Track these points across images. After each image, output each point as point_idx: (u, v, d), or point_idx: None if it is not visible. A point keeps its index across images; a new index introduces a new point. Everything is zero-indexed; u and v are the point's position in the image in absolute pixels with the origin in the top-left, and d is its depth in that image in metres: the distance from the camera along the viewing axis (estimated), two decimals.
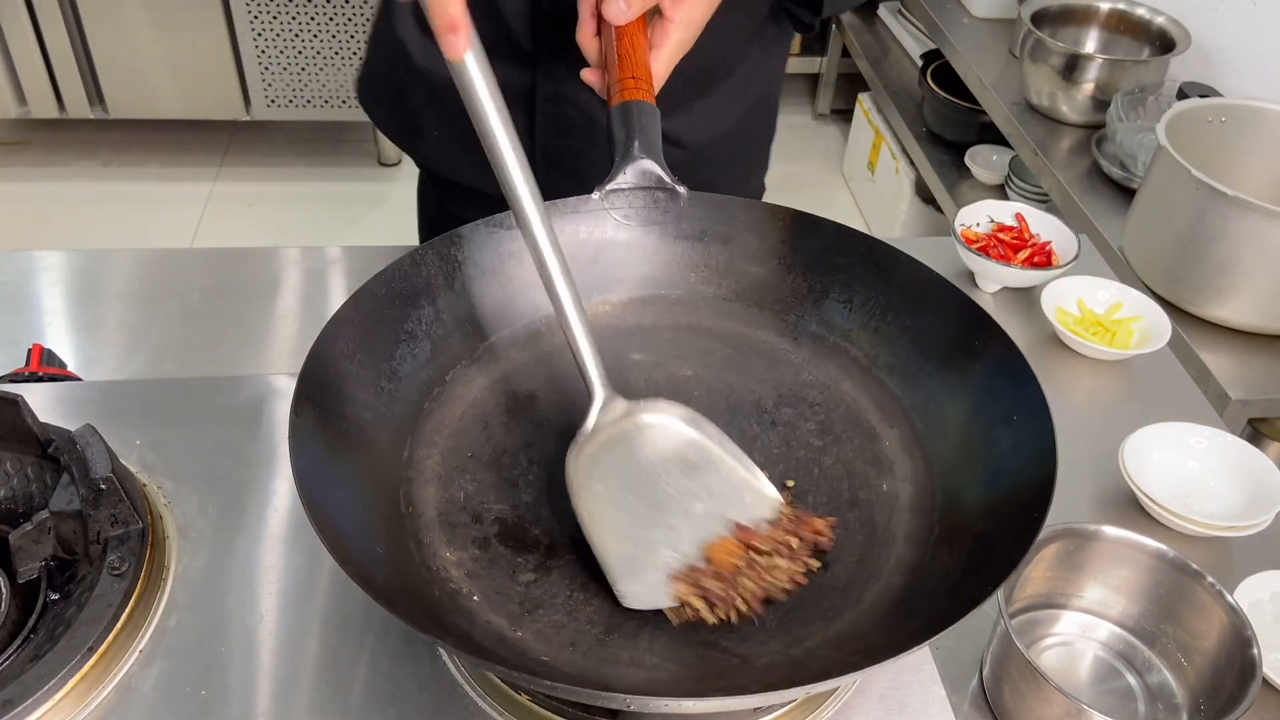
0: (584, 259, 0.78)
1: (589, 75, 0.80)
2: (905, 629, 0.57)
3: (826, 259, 0.77)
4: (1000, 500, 0.62)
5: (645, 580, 0.62)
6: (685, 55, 0.79)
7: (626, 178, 0.75)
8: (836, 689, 0.66)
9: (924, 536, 0.65)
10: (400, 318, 0.72)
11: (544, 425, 0.73)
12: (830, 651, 0.60)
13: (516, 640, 0.60)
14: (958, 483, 0.66)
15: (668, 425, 0.66)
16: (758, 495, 0.65)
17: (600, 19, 0.78)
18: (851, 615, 0.62)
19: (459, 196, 1.12)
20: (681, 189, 0.76)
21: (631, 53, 0.76)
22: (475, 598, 0.62)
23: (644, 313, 0.79)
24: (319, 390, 0.64)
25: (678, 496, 0.64)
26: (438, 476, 0.69)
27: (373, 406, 0.68)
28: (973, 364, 0.69)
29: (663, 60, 0.78)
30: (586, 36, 0.79)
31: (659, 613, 0.62)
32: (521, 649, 0.59)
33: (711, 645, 0.60)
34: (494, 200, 0.73)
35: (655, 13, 0.78)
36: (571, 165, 1.02)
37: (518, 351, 0.77)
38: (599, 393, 0.66)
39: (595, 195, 0.75)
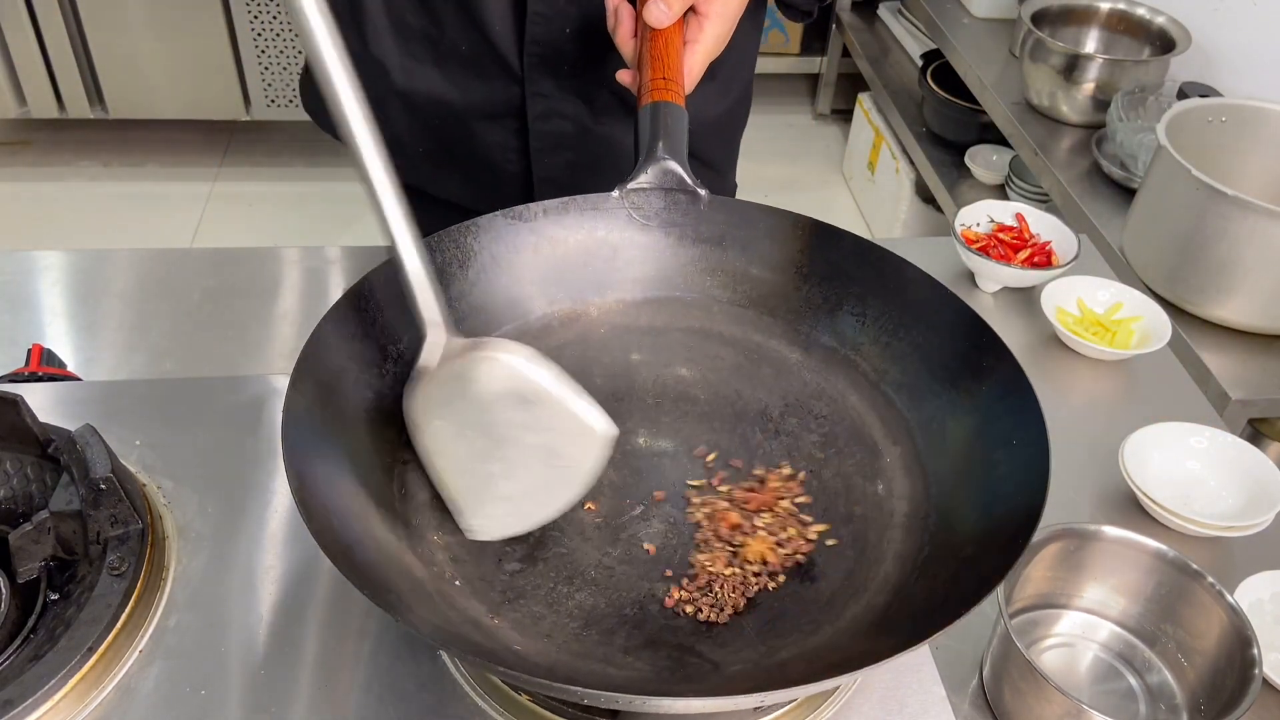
0: (601, 257, 0.78)
1: (623, 76, 0.81)
2: (882, 646, 0.57)
3: (843, 271, 0.77)
4: (991, 525, 0.62)
5: (488, 512, 0.65)
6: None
7: (648, 177, 0.75)
8: (836, 689, 0.66)
9: (913, 556, 0.65)
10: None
11: None
12: (804, 665, 0.60)
13: (492, 627, 0.60)
14: (953, 504, 0.66)
15: (502, 361, 0.64)
16: (584, 428, 0.64)
17: (638, 19, 0.78)
18: (830, 631, 0.62)
19: (433, 209, 1.12)
20: (703, 191, 0.76)
21: (665, 54, 0.76)
22: (457, 582, 0.62)
23: (657, 314, 0.79)
24: (320, 368, 0.64)
25: (511, 430, 0.64)
26: None
27: (375, 387, 0.68)
28: (980, 385, 0.69)
29: (699, 55, 0.78)
30: (625, 37, 0.80)
31: (639, 611, 0.62)
32: (495, 635, 0.60)
33: (687, 649, 0.60)
34: (472, 214, 0.74)
35: (690, 10, 0.78)
36: (567, 180, 1.02)
37: (527, 344, 0.76)
38: (436, 330, 0.64)
39: (615, 193, 0.76)
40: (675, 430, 0.73)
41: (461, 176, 1.06)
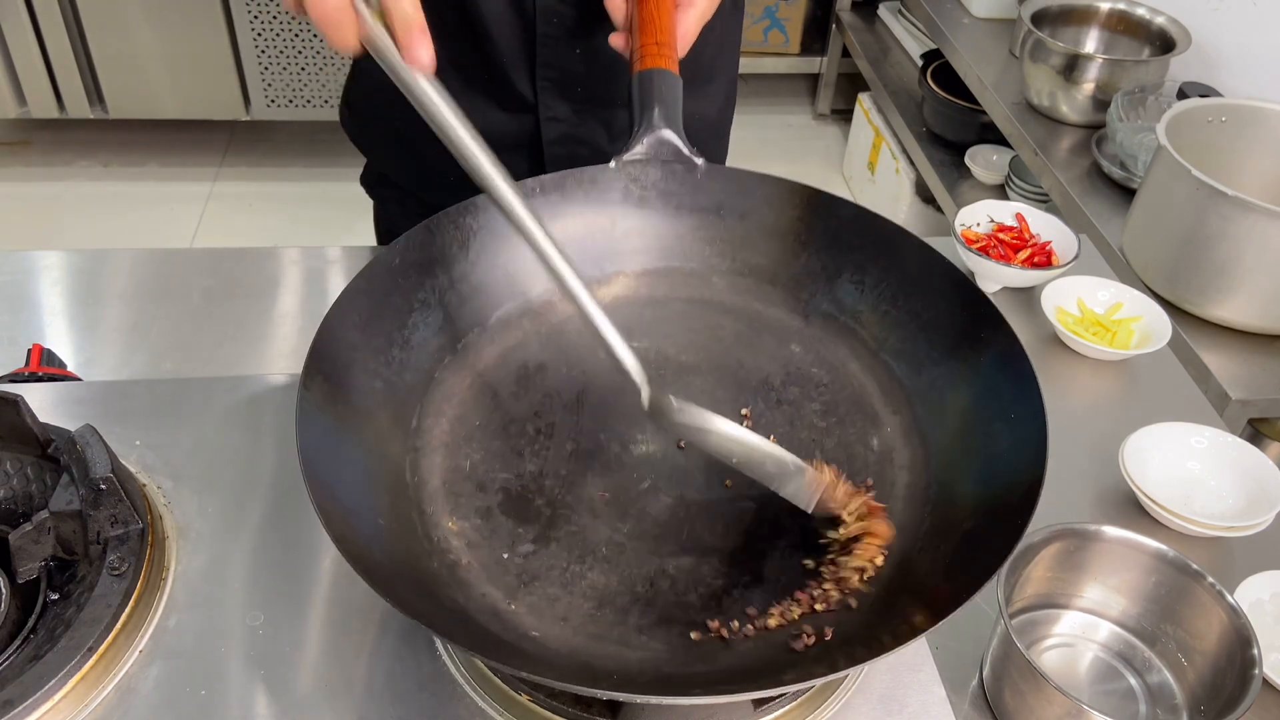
0: (600, 229, 0.78)
1: (616, 40, 0.80)
2: (888, 630, 0.57)
3: (842, 239, 0.77)
4: (991, 498, 0.62)
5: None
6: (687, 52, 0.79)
7: (643, 148, 0.75)
8: (837, 689, 0.66)
9: (915, 527, 0.65)
10: (414, 286, 0.72)
11: (553, 396, 0.73)
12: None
13: (511, 614, 0.60)
14: (952, 475, 0.67)
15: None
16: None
17: None
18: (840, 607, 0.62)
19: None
20: (699, 161, 0.76)
21: (656, 16, 0.75)
22: (473, 569, 0.63)
23: (657, 285, 0.79)
24: (329, 363, 0.64)
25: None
26: (444, 445, 0.69)
27: (383, 375, 0.68)
28: (977, 355, 0.69)
29: (692, 18, 0.77)
30: (615, 1, 0.79)
31: (650, 588, 0.62)
32: (515, 624, 0.60)
33: (699, 627, 0.61)
34: None
35: None
36: None
37: (530, 321, 0.77)
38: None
39: (612, 165, 0.75)
40: None
41: None
